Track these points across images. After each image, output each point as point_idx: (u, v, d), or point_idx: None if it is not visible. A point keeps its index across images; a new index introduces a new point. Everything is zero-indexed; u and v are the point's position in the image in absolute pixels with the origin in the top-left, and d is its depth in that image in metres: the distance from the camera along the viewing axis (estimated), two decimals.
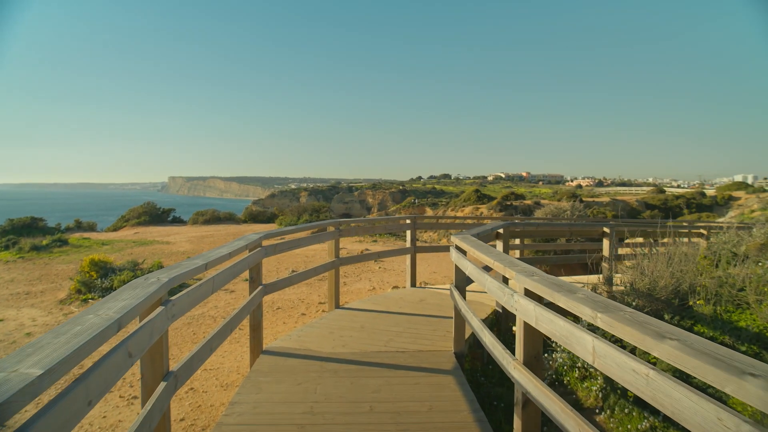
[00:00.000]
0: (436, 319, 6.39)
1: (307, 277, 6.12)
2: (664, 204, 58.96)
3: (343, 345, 5.33)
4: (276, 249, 5.27)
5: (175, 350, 7.02)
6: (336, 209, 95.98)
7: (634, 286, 5.33)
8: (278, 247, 5.31)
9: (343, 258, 6.99)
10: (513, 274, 2.99)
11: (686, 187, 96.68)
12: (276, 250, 5.27)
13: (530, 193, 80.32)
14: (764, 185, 66.17)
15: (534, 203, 53.69)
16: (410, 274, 8.42)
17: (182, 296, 2.84)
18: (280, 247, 5.37)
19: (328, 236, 6.53)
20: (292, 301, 9.72)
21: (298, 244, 5.72)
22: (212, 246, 20.16)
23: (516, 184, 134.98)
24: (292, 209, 31.77)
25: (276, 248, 5.27)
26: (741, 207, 50.46)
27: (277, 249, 5.28)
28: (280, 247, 5.37)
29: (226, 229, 28.12)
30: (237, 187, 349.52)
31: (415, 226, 8.31)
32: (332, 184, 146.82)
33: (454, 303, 5.05)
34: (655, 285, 4.93)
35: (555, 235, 7.84)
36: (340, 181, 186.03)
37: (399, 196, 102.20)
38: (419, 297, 7.60)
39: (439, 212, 56.16)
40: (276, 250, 5.27)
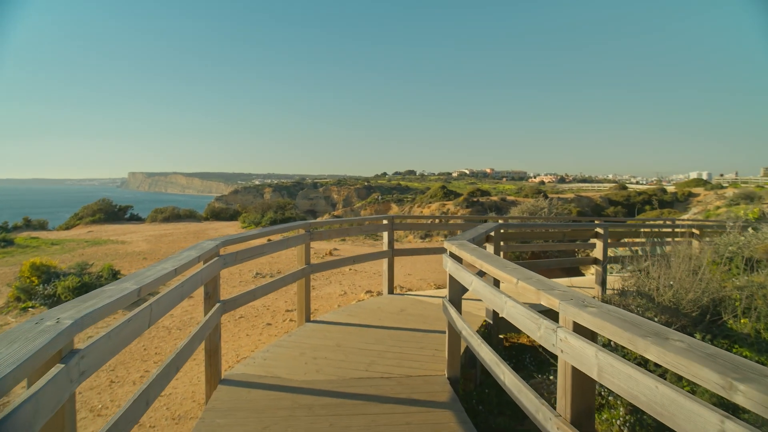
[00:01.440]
0: (421, 333, 5.63)
1: (274, 288, 5.27)
2: (626, 200, 59.80)
3: (318, 370, 4.51)
4: (237, 257, 4.42)
5: (122, 371, 6.10)
6: (301, 205, 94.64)
7: (648, 294, 4.69)
8: (240, 255, 4.46)
9: (314, 264, 6.16)
10: (555, 302, 2.25)
11: (645, 184, 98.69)
12: (237, 258, 4.42)
13: (495, 190, 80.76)
14: (721, 182, 67.69)
15: (500, 199, 53.76)
16: (387, 279, 7.65)
17: (98, 342, 1.98)
18: (243, 255, 4.52)
19: (297, 240, 5.70)
20: (256, 309, 8.84)
21: (263, 251, 4.88)
22: (171, 246, 19.03)
23: (480, 180, 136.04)
24: (255, 206, 30.60)
25: (237, 257, 4.42)
26: (701, 203, 51.36)
27: (238, 257, 4.43)
28: (243, 255, 4.52)
29: (186, 227, 26.85)
30: (199, 183, 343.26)
31: (392, 227, 7.55)
32: (297, 180, 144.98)
33: (449, 319, 4.32)
34: (680, 298, 4.28)
35: (549, 236, 7.19)
36: (305, 177, 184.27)
37: (364, 192, 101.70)
38: (399, 306, 6.84)
39: (405, 208, 55.69)
40: (237, 259, 4.42)
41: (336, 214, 76.25)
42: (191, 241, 20.41)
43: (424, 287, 9.95)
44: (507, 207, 51.49)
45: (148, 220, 29.82)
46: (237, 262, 4.42)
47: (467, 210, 49.27)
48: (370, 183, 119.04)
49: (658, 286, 4.54)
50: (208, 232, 24.51)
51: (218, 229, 25.77)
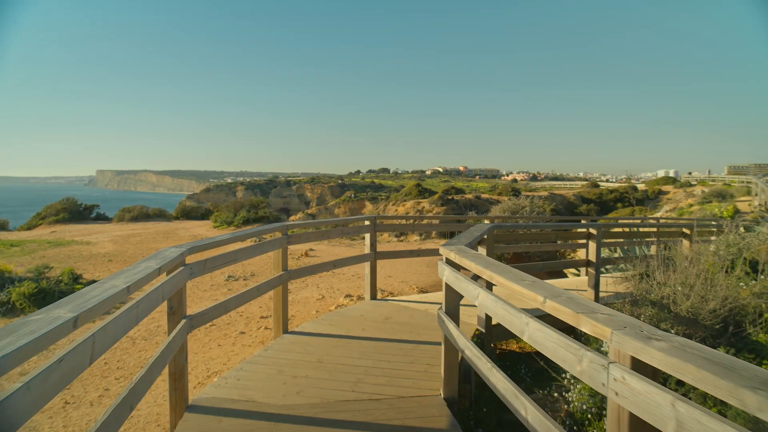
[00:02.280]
0: (410, 345, 5.16)
1: (247, 299, 4.73)
2: (599, 198, 60.26)
3: (298, 392, 4.00)
4: (206, 266, 3.88)
5: (78, 389, 5.50)
6: (274, 204, 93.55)
7: (661, 303, 4.29)
8: (209, 264, 3.93)
9: (292, 270, 5.63)
10: (604, 330, 1.78)
11: (614, 182, 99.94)
12: (206, 267, 3.88)
13: (468, 188, 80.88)
14: (690, 180, 68.84)
15: (475, 197, 53.63)
16: (370, 284, 7.16)
17: (11, 398, 1.46)
18: (212, 263, 3.99)
19: (273, 244, 5.16)
20: (228, 315, 8.29)
21: (236, 258, 4.34)
22: (139, 247, 18.23)
23: (454, 178, 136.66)
24: (228, 205, 29.76)
25: (206, 265, 3.88)
26: (672, 201, 52.02)
27: (207, 266, 3.90)
28: (212, 263, 3.99)
29: (155, 227, 25.94)
30: (170, 181, 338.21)
31: (375, 228, 7.07)
32: (270, 178, 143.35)
33: (445, 333, 3.85)
34: (700, 308, 3.88)
35: (540, 237, 6.79)
36: (278, 175, 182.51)
37: (338, 191, 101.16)
38: (383, 314, 6.36)
39: (379, 207, 55.22)
40: (206, 268, 3.89)
41: (310, 213, 75.41)
42: (160, 242, 19.62)
43: (407, 291, 9.49)
44: (482, 205, 51.38)
45: (115, 220, 28.79)
46: (206, 271, 3.89)
47: (442, 208, 48.95)
48: (344, 181, 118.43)
49: (674, 294, 4.14)
50: (178, 231, 23.68)
51: (189, 229, 24.94)
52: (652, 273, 5.11)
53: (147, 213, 29.87)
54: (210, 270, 3.93)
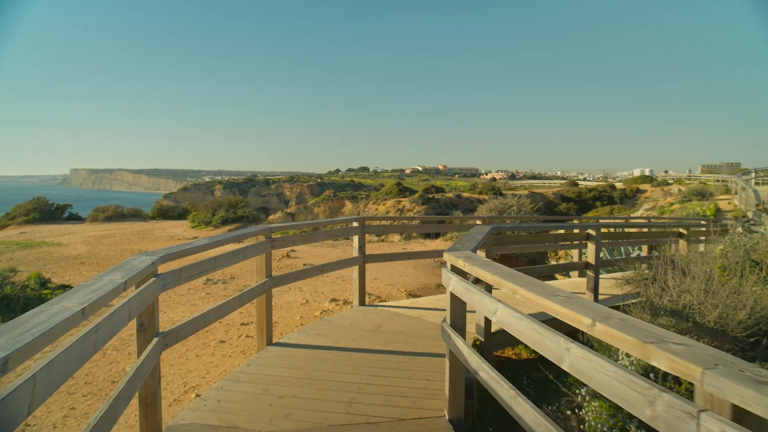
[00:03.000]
0: (406, 358, 4.76)
1: (228, 310, 4.28)
2: (578, 197, 60.57)
3: (286, 414, 3.57)
4: (181, 276, 3.43)
5: (41, 408, 5.00)
6: (253, 203, 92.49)
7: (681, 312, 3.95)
8: (185, 273, 3.48)
9: (277, 277, 5.19)
10: (692, 370, 1.39)
11: (592, 180, 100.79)
12: (181, 277, 3.43)
13: (448, 186, 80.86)
14: (666, 178, 69.65)
15: (455, 196, 53.49)
16: (359, 289, 6.75)
17: None
18: (189, 272, 3.53)
19: (257, 249, 4.72)
20: None
21: (215, 265, 3.89)
22: (113, 248, 17.57)
23: (433, 177, 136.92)
24: (206, 204, 29.03)
25: (181, 274, 3.43)
26: (649, 199, 52.45)
27: (182, 276, 3.45)
28: (189, 272, 3.53)
29: (130, 227, 25.18)
30: (147, 180, 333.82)
31: (363, 230, 6.65)
32: (248, 177, 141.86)
33: (451, 349, 3.47)
34: (729, 318, 3.55)
35: (540, 240, 6.46)
36: (257, 174, 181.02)
37: (317, 189, 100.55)
38: (374, 322, 5.95)
39: (359, 206, 54.72)
40: (181, 278, 3.43)
41: (289, 212, 74.59)
42: (136, 243, 18.96)
43: (395, 294, 9.09)
44: (463, 204, 51.25)
45: (89, 220, 27.90)
46: (182, 282, 3.44)
47: (423, 207, 48.70)
48: (323, 180, 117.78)
49: (699, 304, 3.80)
50: (154, 232, 22.99)
51: (165, 229, 24.24)
52: (662, 277, 4.79)
53: (122, 213, 29.02)
54: (186, 280, 3.49)
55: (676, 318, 3.95)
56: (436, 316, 6.28)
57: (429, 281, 10.30)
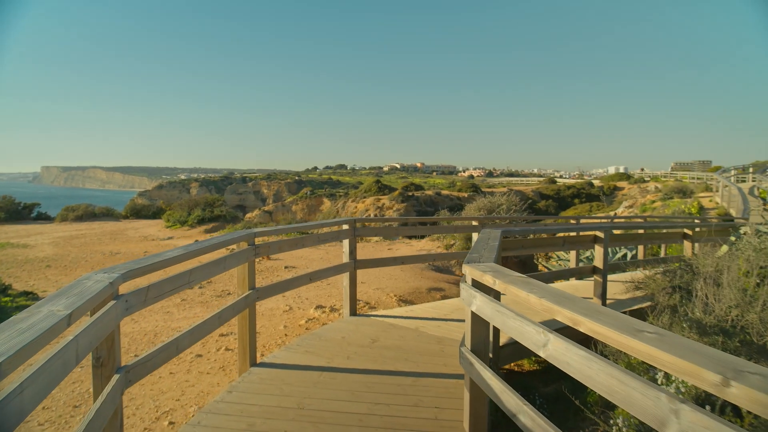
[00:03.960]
0: (409, 380, 4.20)
1: (208, 330, 3.68)
2: (557, 194, 60.83)
3: None
4: (148, 295, 2.82)
5: None
6: (230, 201, 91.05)
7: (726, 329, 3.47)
8: (152, 292, 2.86)
9: (262, 289, 4.59)
10: None
11: (568, 177, 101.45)
12: (148, 297, 2.82)
13: (426, 184, 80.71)
14: (643, 176, 70.25)
15: (435, 194, 53.21)
16: (349, 298, 6.17)
17: None
18: (157, 290, 2.92)
19: (238, 258, 4.12)
20: (182, 330, 7.19)
21: (190, 280, 3.28)
22: (82, 249, 16.71)
23: (411, 174, 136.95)
24: (181, 203, 28.11)
25: (148, 294, 2.82)
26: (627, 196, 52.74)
27: (150, 295, 2.84)
28: (157, 290, 2.92)
29: (101, 227, 24.21)
30: (121, 177, 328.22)
31: (354, 233, 6.08)
32: (225, 175, 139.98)
33: (473, 378, 2.92)
34: None
35: (547, 243, 5.96)
36: (233, 172, 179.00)
37: (295, 187, 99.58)
38: (369, 335, 5.38)
39: (338, 203, 54.17)
40: (148, 298, 2.82)
41: (267, 210, 73.49)
42: (107, 244, 18.10)
43: (385, 300, 8.53)
44: (443, 201, 50.97)
45: (58, 219, 26.82)
46: (149, 302, 2.84)
47: (402, 205, 48.36)
48: (301, 177, 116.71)
49: (758, 322, 3.29)
50: (126, 232, 22.10)
51: (139, 229, 23.35)
52: (693, 286, 4.32)
53: (93, 212, 27.96)
54: (155, 300, 2.89)
55: (720, 336, 3.46)
56: (435, 327, 5.75)
57: (419, 284, 9.77)
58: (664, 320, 4.99)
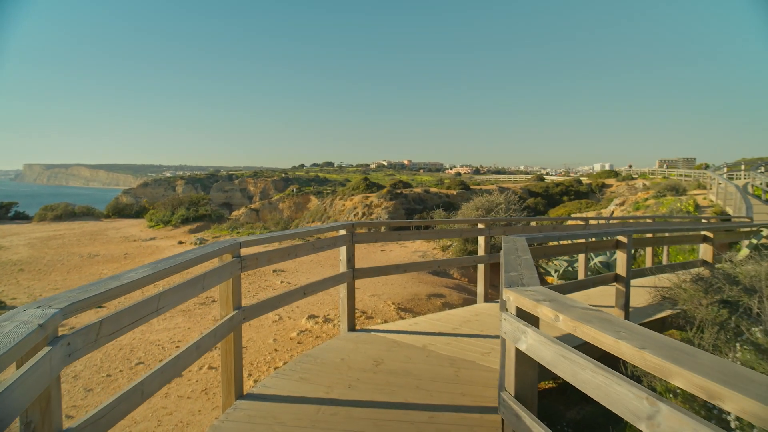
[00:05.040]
0: (425, 415, 3.55)
1: (183, 366, 3.00)
2: (545, 191, 60.51)
3: None
4: (101, 332, 2.15)
5: None
6: (216, 198, 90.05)
7: None
8: (108, 327, 2.19)
9: (249, 308, 3.92)
10: None
11: (554, 175, 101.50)
12: (101, 335, 2.15)
13: (414, 181, 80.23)
14: (631, 173, 70.31)
15: (424, 191, 52.62)
16: (347, 311, 5.50)
17: None
18: (115, 323, 2.24)
19: (221, 274, 3.43)
20: (161, 344, 6.51)
21: (159, 307, 2.61)
22: (59, 251, 15.88)
23: (398, 172, 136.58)
24: (165, 202, 27.22)
25: (101, 330, 2.15)
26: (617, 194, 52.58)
27: (103, 332, 2.16)
28: (115, 323, 2.24)
29: (81, 227, 23.30)
30: (105, 175, 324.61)
31: (353, 239, 5.43)
32: (211, 172, 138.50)
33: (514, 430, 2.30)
34: None
35: (572, 250, 5.36)
36: (220, 169, 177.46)
37: (282, 185, 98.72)
38: (371, 356, 4.71)
39: (326, 201, 53.29)
40: (101, 336, 2.15)
41: (253, 207, 72.50)
42: (86, 245, 17.27)
43: (382, 309, 7.88)
44: (431, 199, 50.36)
45: (36, 219, 25.86)
46: (102, 342, 2.17)
47: (391, 203, 47.65)
48: (288, 175, 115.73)
49: None
50: (107, 232, 21.23)
51: (120, 229, 22.48)
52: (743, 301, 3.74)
53: (73, 211, 26.99)
54: (108, 339, 2.22)
55: None
56: (445, 345, 5.11)
57: (418, 290, 9.14)
58: (707, 338, 4.43)
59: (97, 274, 12.07)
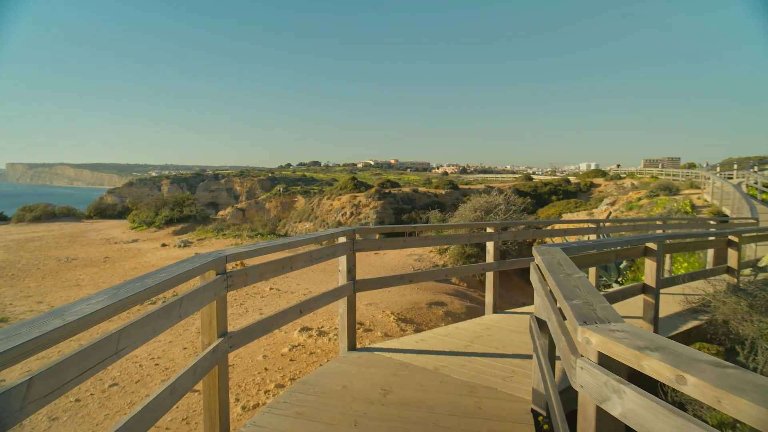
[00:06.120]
0: None
1: (156, 417, 2.38)
2: (534, 191, 60.26)
3: None
4: (27, 399, 1.54)
5: None
6: (202, 198, 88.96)
7: None
8: (38, 388, 1.58)
9: (236, 333, 3.26)
10: None
11: (541, 174, 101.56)
12: (27, 405, 1.54)
13: (401, 180, 79.84)
14: (619, 173, 70.38)
15: (412, 191, 52.13)
16: (347, 328, 4.86)
17: None
18: (49, 381, 1.63)
19: (203, 297, 2.79)
20: (138, 360, 5.85)
21: (120, 348, 1.98)
22: (37, 254, 15.08)
23: (386, 171, 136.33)
24: (148, 202, 26.32)
25: (27, 396, 1.54)
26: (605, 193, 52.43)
27: (31, 398, 1.55)
28: (49, 381, 1.63)
29: (61, 228, 22.41)
30: (89, 174, 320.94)
31: (353, 248, 4.81)
32: (197, 172, 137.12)
33: None
34: None
35: (604, 260, 4.78)
36: (206, 169, 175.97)
37: (268, 184, 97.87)
38: (377, 383, 4.07)
39: (313, 201, 52.58)
40: (26, 408, 1.54)
41: (240, 207, 71.54)
42: (64, 248, 16.47)
43: (381, 320, 7.27)
44: (420, 199, 49.89)
45: (14, 220, 24.91)
46: (28, 412, 1.55)
47: (379, 202, 47.09)
48: (275, 174, 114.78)
49: None
50: (88, 234, 20.38)
51: (101, 231, 21.62)
52: None
53: (53, 212, 26.02)
54: (42, 403, 1.60)
55: None
56: (460, 367, 4.50)
57: (417, 298, 8.54)
58: (761, 360, 3.90)
59: (74, 279, 11.34)
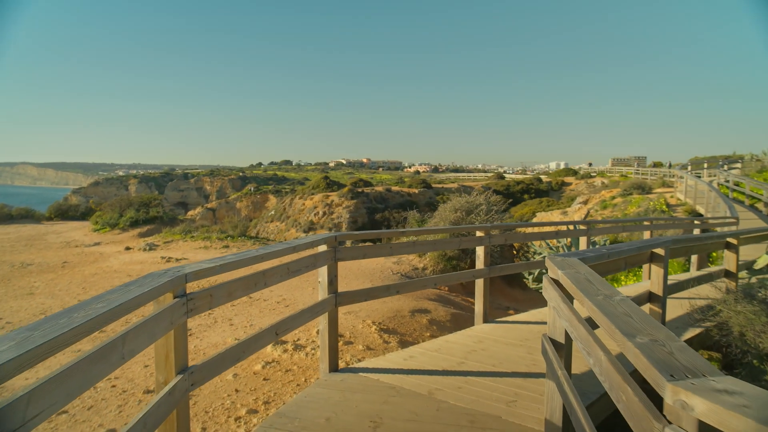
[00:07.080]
0: None
1: None
2: (506, 190, 60.47)
3: None
4: None
5: None
6: (171, 198, 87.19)
7: None
8: None
9: (199, 367, 2.68)
10: None
11: (511, 173, 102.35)
12: None
13: (374, 179, 79.48)
14: (590, 172, 71.17)
15: (385, 190, 51.74)
16: (328, 347, 4.33)
17: None
18: None
19: (153, 329, 2.24)
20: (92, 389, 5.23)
21: (28, 419, 1.48)
22: None
23: (358, 170, 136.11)
24: (113, 202, 25.28)
25: None
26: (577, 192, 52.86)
27: None
28: None
29: (17, 231, 21.26)
30: (53, 174, 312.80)
31: (335, 257, 4.29)
32: (166, 171, 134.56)
33: None
34: None
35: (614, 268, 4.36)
36: (175, 168, 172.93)
37: (239, 183, 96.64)
38: (365, 412, 3.54)
39: (285, 200, 51.78)
40: None
41: (210, 207, 70.26)
42: (20, 253, 15.50)
43: (362, 330, 6.75)
44: (393, 198, 49.57)
45: None
46: None
47: (352, 202, 46.56)
48: (246, 173, 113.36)
49: None
50: (47, 237, 19.35)
51: (62, 233, 20.58)
52: None
53: (9, 213, 24.75)
54: None
55: None
56: (456, 390, 4.01)
57: (398, 305, 8.04)
58: None
59: (28, 287, 10.53)
